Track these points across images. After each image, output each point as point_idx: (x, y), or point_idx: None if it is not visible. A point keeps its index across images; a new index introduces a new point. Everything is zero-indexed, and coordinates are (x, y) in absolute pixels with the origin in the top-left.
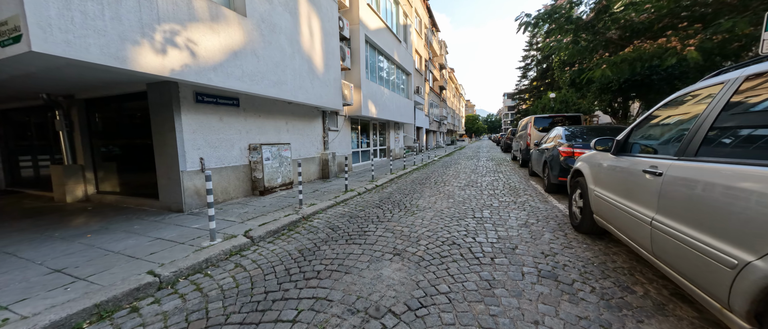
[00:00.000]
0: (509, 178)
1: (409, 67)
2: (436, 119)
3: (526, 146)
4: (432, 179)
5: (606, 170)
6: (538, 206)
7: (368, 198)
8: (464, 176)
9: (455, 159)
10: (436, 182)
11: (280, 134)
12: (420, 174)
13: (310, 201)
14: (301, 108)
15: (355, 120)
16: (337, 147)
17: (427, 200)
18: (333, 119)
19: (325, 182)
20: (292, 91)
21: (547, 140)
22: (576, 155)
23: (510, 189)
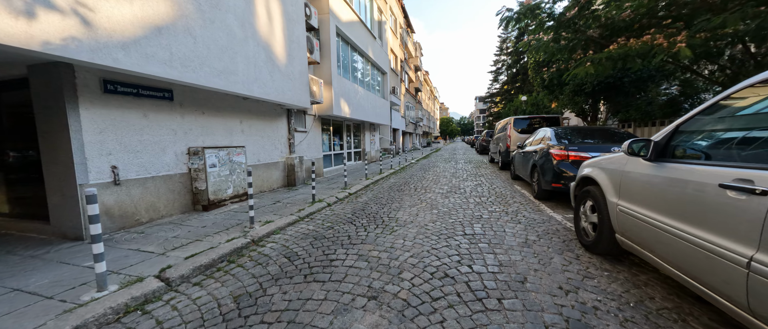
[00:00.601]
0: (492, 183)
1: (384, 66)
2: (412, 120)
3: (506, 148)
4: (411, 184)
5: (640, 180)
6: (532, 217)
7: (339, 210)
8: (445, 180)
9: (433, 162)
10: (416, 189)
11: (233, 136)
12: (398, 179)
13: (267, 217)
14: (261, 105)
15: (327, 121)
16: (305, 150)
17: (408, 212)
18: (300, 119)
19: (291, 190)
20: (245, 83)
21: (533, 142)
22: (572, 158)
23: (497, 196)
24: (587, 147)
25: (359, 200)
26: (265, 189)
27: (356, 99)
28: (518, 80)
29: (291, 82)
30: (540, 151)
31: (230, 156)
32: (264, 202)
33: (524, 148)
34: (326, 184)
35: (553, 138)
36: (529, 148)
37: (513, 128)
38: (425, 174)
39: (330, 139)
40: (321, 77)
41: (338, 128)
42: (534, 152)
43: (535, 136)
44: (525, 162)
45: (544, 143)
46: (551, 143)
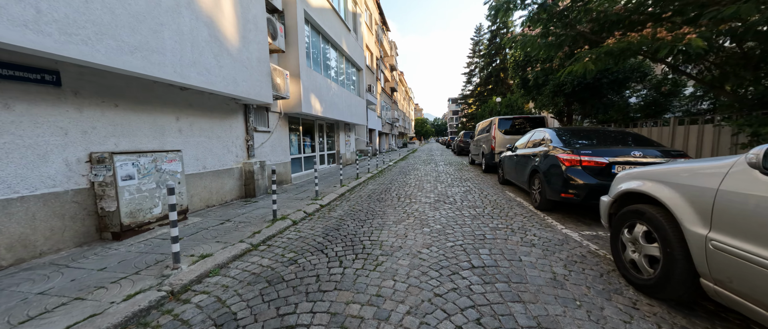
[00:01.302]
0: (482, 189)
1: (360, 62)
2: (388, 121)
3: (490, 150)
4: (393, 191)
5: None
6: (545, 236)
7: (307, 231)
8: (430, 186)
9: (412, 164)
10: (399, 197)
11: (166, 137)
12: (377, 185)
13: (205, 248)
14: (207, 98)
15: (295, 119)
16: (268, 154)
17: (394, 232)
18: (262, 117)
19: (248, 203)
20: (177, 67)
21: (528, 144)
22: (585, 164)
23: (493, 206)
24: (602, 151)
25: (333, 215)
26: (213, 203)
27: (329, 96)
28: (491, 82)
29: (247, 71)
30: (541, 155)
31: (158, 164)
32: (208, 222)
33: (515, 150)
34: (294, 193)
35: (555, 140)
36: (524, 151)
37: (497, 129)
38: (406, 178)
39: (299, 140)
40: (287, 69)
41: (309, 127)
42: (532, 157)
43: (530, 137)
44: (520, 167)
45: (545, 145)
46: (555, 146)
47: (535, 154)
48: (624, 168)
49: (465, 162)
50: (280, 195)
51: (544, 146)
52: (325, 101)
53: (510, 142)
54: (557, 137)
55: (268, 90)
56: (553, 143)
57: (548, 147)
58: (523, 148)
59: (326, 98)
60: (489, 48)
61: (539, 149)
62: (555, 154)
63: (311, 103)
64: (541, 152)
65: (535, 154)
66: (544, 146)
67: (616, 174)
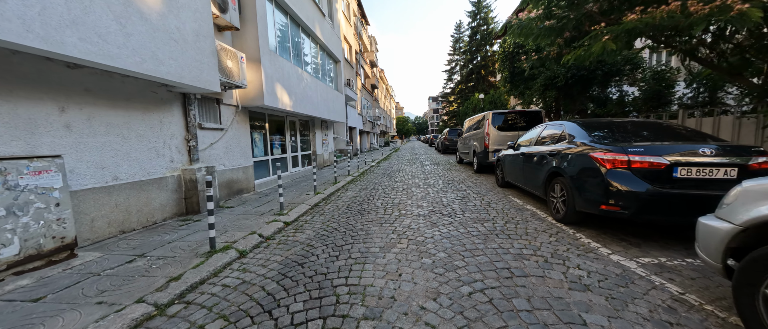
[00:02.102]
0: (480, 193)
1: (337, 53)
2: (369, 119)
3: (483, 148)
4: (377, 199)
5: None
6: (596, 270)
7: (256, 270)
8: (420, 191)
9: (396, 164)
10: (385, 208)
11: (38, 136)
12: (359, 190)
13: (69, 321)
14: (118, 83)
15: (260, 115)
16: (221, 156)
17: (382, 268)
18: (210, 111)
19: (188, 223)
20: (37, 25)
21: (538, 141)
22: (636, 166)
23: (503, 218)
24: (659, 148)
25: (299, 239)
26: (131, 227)
27: (301, 88)
28: (472, 79)
29: (176, 46)
30: (563, 154)
31: (7, 178)
32: (110, 260)
33: (519, 148)
34: (254, 205)
35: (582, 135)
36: (534, 149)
37: (491, 124)
38: (392, 182)
39: (265, 140)
40: (243, 51)
41: (279, 125)
42: (548, 156)
43: (541, 132)
44: (529, 168)
45: (567, 141)
46: (584, 142)
47: (552, 152)
48: (690, 172)
49: (452, 161)
50: (236, 209)
51: (567, 143)
52: (296, 94)
53: (506, 139)
54: (584, 131)
55: (212, 74)
56: (580, 138)
57: (576, 145)
58: (531, 145)
59: (297, 89)
60: (470, 45)
61: (559, 147)
62: (587, 153)
63: (277, 94)
64: (563, 150)
65: (554, 153)
66: (566, 142)
67: (678, 179)
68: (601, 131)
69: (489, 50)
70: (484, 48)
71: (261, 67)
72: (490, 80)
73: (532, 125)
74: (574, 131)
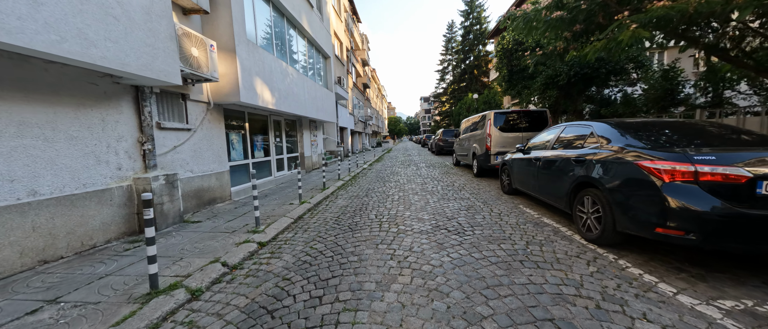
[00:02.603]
0: (487, 203)
1: (327, 49)
2: (361, 119)
3: (485, 150)
4: (371, 209)
5: None
6: (667, 320)
7: (210, 324)
8: (418, 199)
9: (389, 166)
10: (381, 222)
11: None
12: (349, 199)
13: None
14: (37, 70)
15: (238, 114)
16: (187, 161)
17: (381, 318)
18: (174, 108)
19: (135, 245)
20: None
21: (553, 144)
22: (707, 179)
23: (523, 238)
24: (733, 157)
25: (273, 269)
26: (58, 254)
27: (286, 84)
28: (465, 79)
29: (117, 24)
30: (597, 160)
31: None
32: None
33: (529, 152)
34: (226, 219)
35: (619, 138)
36: (550, 153)
37: (493, 125)
38: (386, 187)
39: (245, 141)
40: (214, 38)
41: (261, 125)
42: (574, 162)
43: (558, 134)
44: (547, 175)
45: (602, 145)
46: (624, 147)
47: (579, 158)
48: None
49: (448, 163)
50: (203, 224)
51: (598, 148)
52: (280, 91)
53: (509, 141)
54: (621, 133)
55: (169, 63)
56: (618, 142)
57: (613, 150)
58: (547, 149)
59: (281, 86)
60: (463, 44)
61: (586, 152)
62: (633, 160)
63: (256, 90)
64: (594, 156)
65: (580, 158)
66: (597, 146)
67: (763, 196)
68: (641, 132)
69: (482, 50)
70: (477, 48)
71: (236, 58)
72: (483, 80)
73: (537, 125)
74: (608, 133)
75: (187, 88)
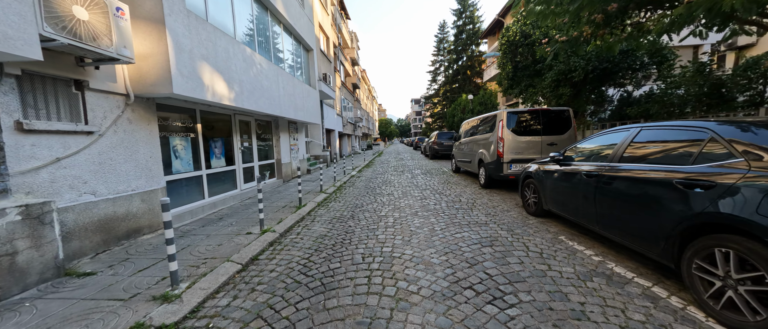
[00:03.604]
0: (514, 231)
1: (309, 40)
2: (350, 120)
3: (496, 157)
4: (356, 247)
5: None
6: None
7: None
8: (420, 224)
9: (381, 173)
10: (369, 269)
11: None
12: (330, 225)
13: None
14: None
15: (184, 111)
16: (85, 179)
17: None
18: (60, 99)
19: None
20: None
21: (620, 155)
22: None
23: (609, 313)
24: None
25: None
26: None
27: (251, 75)
28: (458, 80)
29: None
30: (745, 185)
31: None
32: None
33: (568, 162)
34: (135, 268)
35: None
36: (622, 169)
37: (506, 127)
38: (377, 204)
39: (196, 147)
40: (127, 1)
41: (222, 126)
42: (682, 188)
43: (624, 138)
44: (618, 204)
45: (749, 163)
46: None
47: (692, 181)
48: None
49: (446, 169)
50: (95, 279)
51: (737, 167)
52: (243, 82)
53: (527, 146)
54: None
55: (17, 23)
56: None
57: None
58: (607, 161)
59: (244, 76)
60: (455, 44)
61: (713, 171)
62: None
63: (203, 80)
64: (726, 177)
65: (697, 182)
66: (732, 162)
67: None
68: None
69: (475, 50)
70: (471, 48)
71: (166, 32)
72: (476, 81)
73: (557, 127)
74: (759, 140)
75: (84, 71)
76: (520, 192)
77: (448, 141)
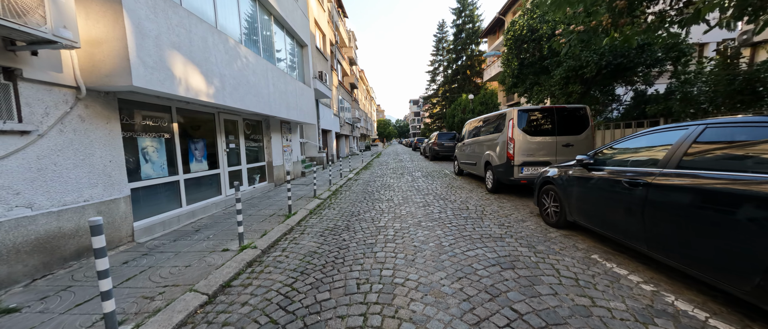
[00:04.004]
0: (535, 248)
1: (303, 35)
2: (348, 121)
3: (506, 159)
4: (351, 269)
5: None
6: None
7: None
8: (425, 238)
9: (380, 175)
10: (366, 302)
11: None
12: (321, 237)
13: None
14: None
15: (156, 109)
16: (17, 190)
17: None
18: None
19: None
20: None
21: (672, 158)
22: None
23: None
24: None
25: None
26: None
27: (236, 69)
28: (457, 80)
29: None
30: None
31: None
32: None
33: (601, 166)
34: (72, 302)
35: None
36: (671, 177)
37: (517, 127)
38: (376, 213)
39: (172, 148)
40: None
41: (204, 125)
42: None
43: (683, 138)
44: (682, 222)
45: None
46: None
47: None
48: None
49: (448, 171)
50: (14, 320)
51: None
52: (224, 77)
53: (539, 146)
54: None
55: None
56: None
57: None
58: (659, 167)
59: (226, 70)
60: (455, 44)
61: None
62: None
63: (173, 71)
64: None
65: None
66: None
67: None
68: None
69: (475, 50)
70: (470, 47)
71: (123, 12)
72: (476, 81)
73: (574, 127)
74: None
75: (16, 57)
76: (536, 199)
77: (450, 142)
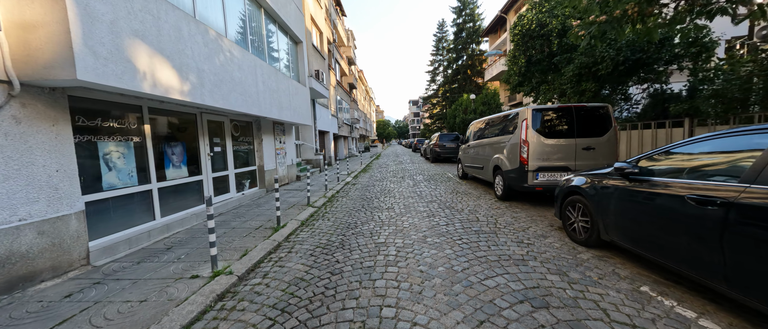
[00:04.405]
0: (574, 281)
1: (297, 31)
2: (347, 122)
3: (518, 164)
4: (343, 308)
5: None
6: None
7: None
8: (433, 261)
9: (378, 180)
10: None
11: None
12: (310, 259)
13: None
14: None
15: (123, 108)
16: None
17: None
18: None
19: None
20: None
21: (731, 162)
22: None
23: None
24: None
25: None
26: None
27: (218, 64)
28: (458, 80)
29: None
30: None
31: None
32: None
33: (647, 176)
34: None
35: None
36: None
37: (531, 127)
38: (375, 225)
39: (143, 154)
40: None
41: (184, 126)
42: None
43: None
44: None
45: None
46: None
47: None
48: None
49: (450, 174)
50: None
51: None
52: (202, 72)
53: (555, 149)
54: None
55: None
56: None
57: None
58: (759, 182)
59: (206, 65)
60: (455, 43)
61: None
62: None
63: (134, 63)
64: None
65: None
66: None
67: None
68: None
69: (476, 49)
70: (471, 47)
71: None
72: (477, 81)
73: (595, 128)
74: None
75: None
76: (558, 211)
77: (452, 143)
